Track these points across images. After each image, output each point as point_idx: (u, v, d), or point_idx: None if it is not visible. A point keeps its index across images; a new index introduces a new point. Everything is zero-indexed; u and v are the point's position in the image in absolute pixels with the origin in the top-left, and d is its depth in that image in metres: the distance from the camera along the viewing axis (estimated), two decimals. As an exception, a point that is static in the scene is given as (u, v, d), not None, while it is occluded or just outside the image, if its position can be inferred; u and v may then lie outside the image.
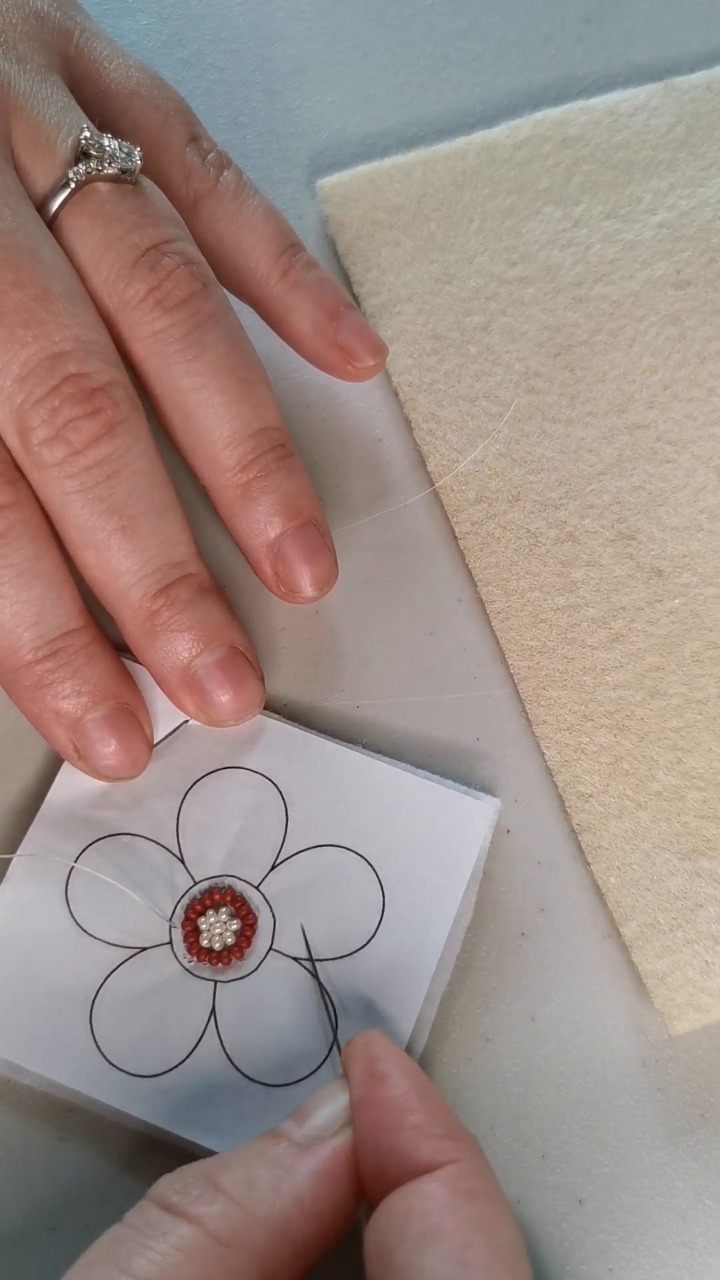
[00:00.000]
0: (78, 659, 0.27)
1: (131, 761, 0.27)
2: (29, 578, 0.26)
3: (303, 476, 0.28)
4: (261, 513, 0.28)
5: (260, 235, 0.30)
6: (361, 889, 0.27)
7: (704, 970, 0.27)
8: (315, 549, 0.28)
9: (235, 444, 0.27)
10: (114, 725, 0.27)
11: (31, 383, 0.25)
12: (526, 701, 0.29)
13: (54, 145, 0.27)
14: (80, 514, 0.26)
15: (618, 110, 0.35)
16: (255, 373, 0.28)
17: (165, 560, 0.26)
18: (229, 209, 0.30)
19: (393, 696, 0.30)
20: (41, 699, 0.26)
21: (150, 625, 0.27)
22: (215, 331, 0.27)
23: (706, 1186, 0.26)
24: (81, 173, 0.26)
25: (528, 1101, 0.26)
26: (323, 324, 0.30)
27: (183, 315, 0.27)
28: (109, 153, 0.27)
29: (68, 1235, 0.25)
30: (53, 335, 0.25)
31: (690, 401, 0.32)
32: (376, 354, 0.30)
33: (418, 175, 0.34)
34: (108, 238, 0.26)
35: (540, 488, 0.31)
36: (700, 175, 0.35)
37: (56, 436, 0.25)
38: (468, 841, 0.27)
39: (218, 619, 0.27)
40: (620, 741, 0.29)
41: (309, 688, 0.30)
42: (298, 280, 0.30)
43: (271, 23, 0.37)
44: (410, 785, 0.28)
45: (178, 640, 0.27)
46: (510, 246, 0.34)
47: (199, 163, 0.29)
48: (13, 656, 0.26)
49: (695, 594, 0.30)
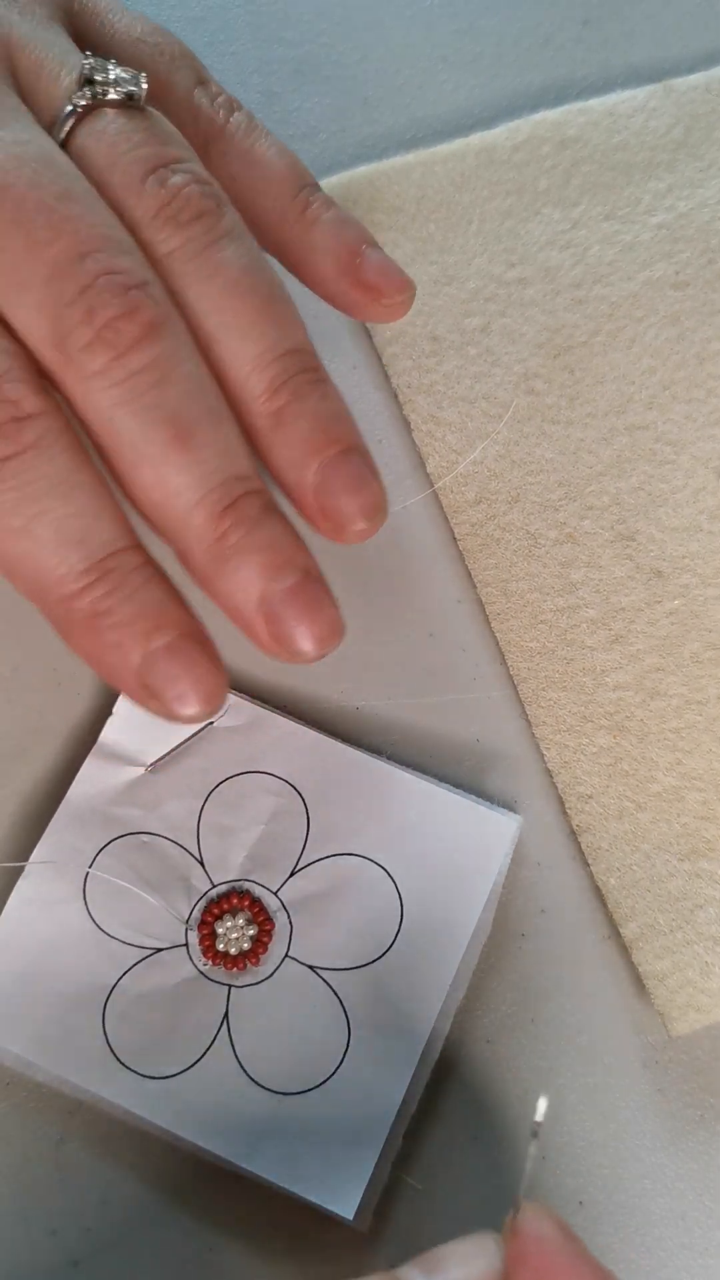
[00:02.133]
0: (133, 579, 0.24)
1: (206, 698, 0.24)
2: (69, 488, 0.23)
3: (339, 399, 0.26)
4: (298, 441, 0.25)
5: (275, 173, 0.28)
6: (380, 900, 0.27)
7: (704, 971, 0.27)
8: (360, 477, 0.25)
9: (262, 368, 0.25)
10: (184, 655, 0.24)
11: (61, 283, 0.23)
12: (526, 703, 0.29)
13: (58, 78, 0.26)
14: (130, 426, 0.23)
15: (616, 112, 0.35)
16: (278, 291, 0.26)
17: (228, 473, 0.24)
18: (241, 148, 0.28)
19: (392, 698, 0.30)
20: (98, 631, 0.23)
21: (219, 549, 0.24)
22: (231, 249, 0.25)
23: (706, 1187, 0.26)
24: (88, 95, 0.25)
25: (528, 1102, 0.26)
26: (346, 261, 0.28)
27: (196, 232, 0.25)
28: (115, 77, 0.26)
29: (68, 1237, 0.25)
30: (79, 232, 0.23)
31: (689, 402, 0.32)
32: (404, 290, 0.28)
33: (416, 177, 0.34)
34: (114, 153, 0.25)
35: (540, 489, 0.31)
36: (699, 176, 0.35)
37: (96, 339, 0.23)
38: (489, 857, 0.27)
39: (289, 539, 0.24)
40: (620, 743, 0.29)
41: (309, 688, 0.30)
42: (317, 218, 0.28)
43: (270, 24, 0.37)
44: (433, 798, 0.28)
45: (250, 565, 0.24)
46: (509, 248, 0.34)
47: (208, 104, 0.29)
48: (60, 584, 0.23)
49: (695, 595, 0.30)
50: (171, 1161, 0.26)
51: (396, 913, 0.27)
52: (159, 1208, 0.25)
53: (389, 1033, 0.26)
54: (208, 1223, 0.25)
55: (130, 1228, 0.25)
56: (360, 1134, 0.25)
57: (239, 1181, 0.26)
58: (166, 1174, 0.26)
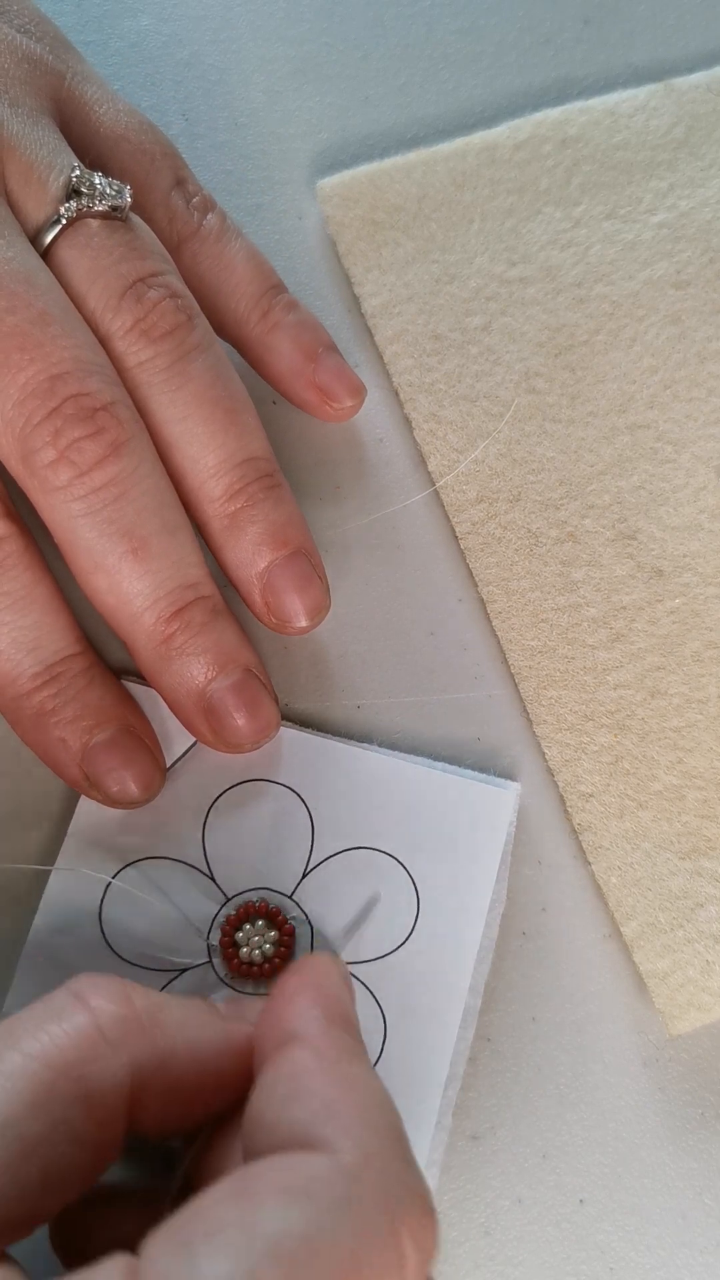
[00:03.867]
0: (78, 683, 0.26)
1: (144, 785, 0.27)
2: (26, 604, 0.26)
3: (291, 505, 0.28)
4: (249, 542, 0.27)
5: (241, 277, 0.30)
6: (394, 887, 0.27)
7: (704, 970, 0.27)
8: (306, 578, 0.28)
9: (221, 474, 0.27)
10: (121, 748, 0.26)
11: (31, 405, 0.25)
12: (527, 701, 0.29)
13: (46, 183, 0.27)
14: (89, 537, 0.25)
15: (617, 111, 0.35)
16: (240, 403, 0.28)
17: (178, 582, 0.26)
18: (211, 251, 0.30)
19: (393, 696, 0.30)
20: (45, 727, 0.26)
21: (165, 650, 0.26)
22: (199, 362, 0.27)
23: (706, 1186, 0.26)
24: (73, 209, 0.27)
25: (528, 1101, 0.26)
26: (300, 365, 0.30)
27: (167, 346, 0.27)
28: (99, 190, 0.27)
29: (68, 1235, 0.25)
30: (50, 356, 0.25)
31: (690, 401, 0.32)
32: (354, 395, 0.30)
33: (418, 176, 0.34)
34: (95, 268, 0.27)
35: (541, 488, 0.31)
36: (700, 175, 0.35)
37: (61, 458, 0.25)
38: (494, 829, 0.28)
39: (232, 641, 0.27)
40: (621, 741, 0.29)
41: (309, 688, 0.30)
42: (277, 322, 0.30)
43: (271, 23, 0.37)
44: (431, 779, 0.28)
45: (193, 664, 0.26)
46: (510, 247, 0.34)
47: (183, 206, 0.30)
48: (12, 685, 0.26)
49: (695, 594, 0.30)
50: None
51: (412, 898, 0.27)
52: (159, 1206, 0.25)
53: (423, 1015, 0.26)
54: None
55: (130, 1226, 0.25)
56: (413, 1116, 0.25)
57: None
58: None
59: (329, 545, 0.31)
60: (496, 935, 0.27)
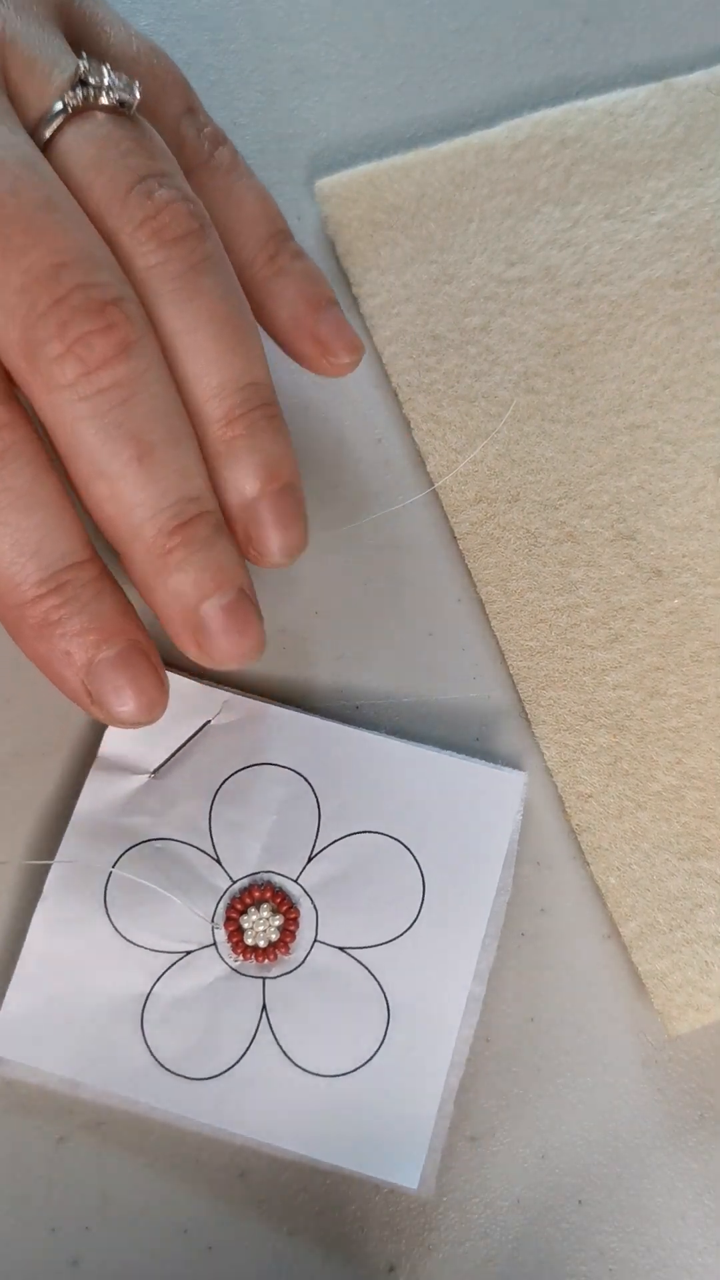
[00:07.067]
0: (85, 593, 0.25)
1: (148, 704, 0.25)
2: (30, 502, 0.24)
3: (287, 439, 0.27)
4: (243, 471, 0.26)
5: (249, 215, 0.29)
6: (400, 872, 0.27)
7: (704, 970, 0.27)
8: (292, 515, 0.26)
9: (223, 395, 0.26)
10: (128, 666, 0.25)
11: (35, 292, 0.23)
12: (526, 702, 0.29)
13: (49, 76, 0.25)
14: (93, 441, 0.24)
15: (616, 110, 0.35)
16: (250, 325, 0.26)
17: (182, 493, 0.25)
18: (220, 184, 0.28)
19: (392, 697, 0.30)
20: (49, 639, 0.25)
21: (163, 563, 0.25)
22: (212, 275, 0.25)
23: (706, 1186, 0.26)
24: (79, 97, 0.25)
25: (528, 1101, 0.26)
26: (303, 315, 0.28)
27: (180, 252, 0.25)
28: (108, 82, 0.25)
29: (67, 1235, 0.25)
30: (56, 242, 0.23)
31: (690, 401, 0.32)
32: (352, 352, 0.29)
33: (416, 176, 0.34)
34: (102, 158, 0.25)
35: (540, 488, 0.31)
36: (699, 175, 0.35)
37: (68, 352, 0.23)
38: (502, 815, 0.27)
39: (229, 560, 0.25)
40: (620, 742, 0.29)
41: (309, 688, 0.30)
42: (283, 267, 0.29)
43: (271, 23, 0.37)
44: (438, 764, 0.28)
45: (190, 581, 0.25)
46: (509, 247, 0.34)
47: (194, 135, 0.29)
48: (15, 591, 0.24)
49: (695, 594, 0.30)
50: (172, 1161, 0.26)
51: (418, 883, 0.27)
52: (159, 1208, 0.25)
53: (428, 1000, 0.26)
54: (208, 1223, 0.25)
55: (130, 1228, 0.25)
56: (415, 1103, 0.25)
57: (240, 1180, 0.26)
58: (167, 1173, 0.26)
59: (329, 545, 0.31)
60: (503, 924, 0.27)
